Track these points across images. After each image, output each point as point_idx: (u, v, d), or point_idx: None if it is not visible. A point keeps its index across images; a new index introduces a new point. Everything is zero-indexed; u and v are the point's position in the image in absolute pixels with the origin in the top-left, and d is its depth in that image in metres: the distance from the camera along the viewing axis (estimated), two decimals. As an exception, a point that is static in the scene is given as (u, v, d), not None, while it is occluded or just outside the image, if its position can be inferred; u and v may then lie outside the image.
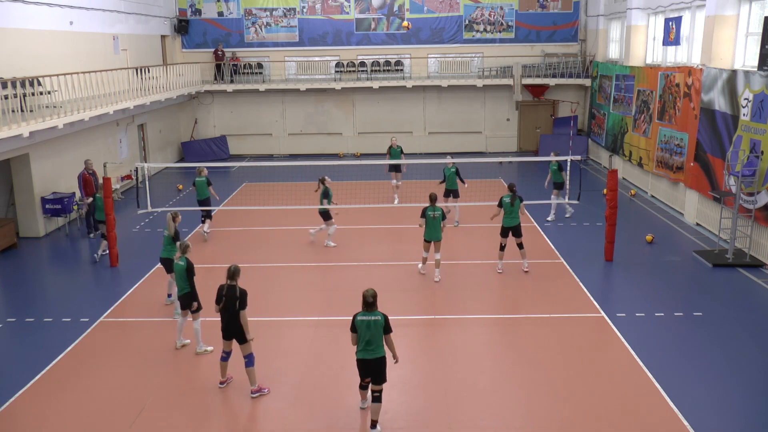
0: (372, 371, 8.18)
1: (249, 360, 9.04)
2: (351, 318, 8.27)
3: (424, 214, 12.90)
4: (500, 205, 13.52)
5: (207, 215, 16.19)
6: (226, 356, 9.29)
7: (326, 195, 15.10)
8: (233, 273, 8.99)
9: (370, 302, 8.14)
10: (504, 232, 13.58)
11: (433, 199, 12.94)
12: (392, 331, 8.24)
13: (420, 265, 13.65)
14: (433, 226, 12.86)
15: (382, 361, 8.17)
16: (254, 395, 9.07)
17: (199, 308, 10.28)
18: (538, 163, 24.93)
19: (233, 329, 8.97)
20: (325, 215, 15.32)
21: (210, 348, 10.39)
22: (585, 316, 11.56)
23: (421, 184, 18.28)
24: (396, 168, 19.03)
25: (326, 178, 15.36)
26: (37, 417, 8.73)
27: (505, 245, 13.66)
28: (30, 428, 8.52)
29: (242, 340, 8.99)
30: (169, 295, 12.14)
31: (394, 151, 19.23)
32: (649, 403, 8.80)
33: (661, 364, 9.78)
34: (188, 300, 10.20)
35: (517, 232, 13.54)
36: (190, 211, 16.79)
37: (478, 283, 13.24)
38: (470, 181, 17.11)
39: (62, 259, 15.66)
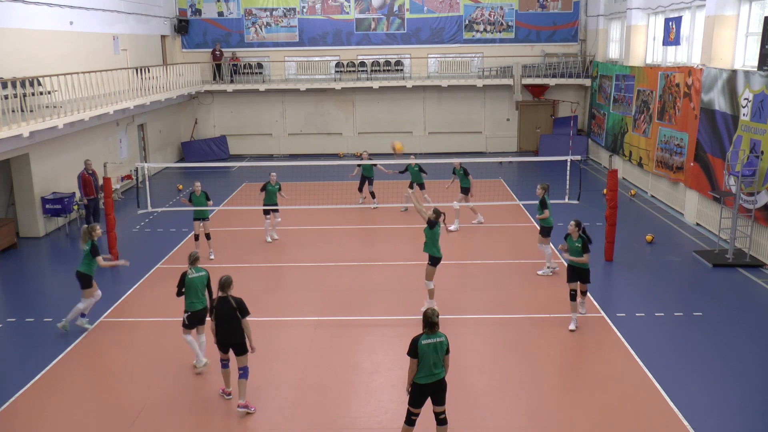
0: (435, 394, 7.57)
1: (244, 372, 8.66)
2: (411, 341, 7.40)
3: (434, 225, 11.44)
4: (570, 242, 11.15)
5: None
6: (226, 363, 8.93)
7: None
8: (223, 284, 8.53)
9: (435, 322, 7.41)
10: (571, 276, 11.08)
11: (438, 214, 11.44)
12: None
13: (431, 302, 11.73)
14: (437, 244, 11.56)
15: (444, 382, 7.59)
16: (240, 409, 8.66)
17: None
18: (538, 164, 24.95)
19: (233, 341, 8.59)
20: None
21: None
22: (585, 316, 11.55)
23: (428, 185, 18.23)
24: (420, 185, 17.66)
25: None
26: (37, 417, 8.74)
27: (576, 293, 11.05)
28: (30, 428, 8.52)
29: (240, 351, 8.61)
30: (83, 314, 11.33)
31: (411, 169, 17.74)
32: (649, 403, 8.80)
33: (661, 364, 9.78)
34: (204, 314, 9.67)
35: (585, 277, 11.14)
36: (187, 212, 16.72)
37: (478, 283, 13.24)
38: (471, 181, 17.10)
39: (62, 259, 15.66)
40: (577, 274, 11.01)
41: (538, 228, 13.71)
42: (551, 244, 13.75)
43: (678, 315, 11.56)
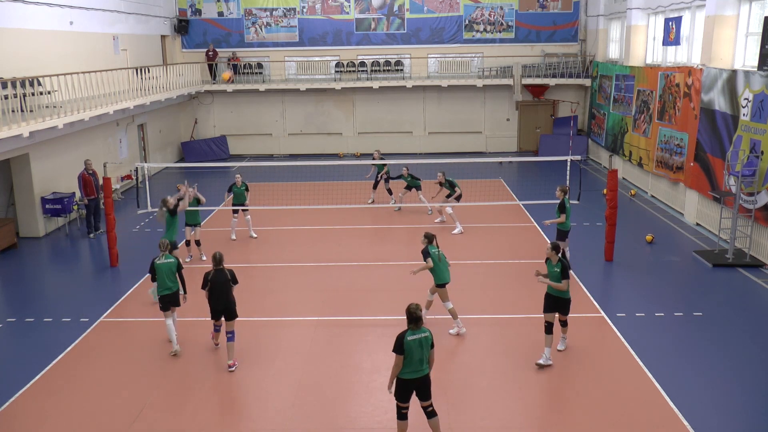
0: (419, 389, 7.68)
1: (231, 336, 9.89)
2: (396, 338, 7.47)
3: (428, 255, 10.61)
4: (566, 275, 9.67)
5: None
6: (218, 328, 10.29)
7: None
8: (219, 259, 9.83)
9: (420, 317, 7.48)
10: (548, 305, 9.87)
11: (433, 238, 10.75)
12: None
13: (457, 327, 11.03)
14: (446, 266, 10.84)
15: (429, 377, 7.70)
16: (231, 369, 9.82)
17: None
18: (538, 164, 24.96)
19: (224, 308, 9.80)
20: None
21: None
22: (585, 316, 11.55)
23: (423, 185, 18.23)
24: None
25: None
26: (37, 416, 8.74)
27: (551, 325, 9.85)
28: (30, 428, 8.52)
29: (229, 317, 9.82)
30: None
31: (404, 178, 18.12)
32: (649, 403, 8.80)
33: (661, 364, 9.78)
34: (174, 298, 10.49)
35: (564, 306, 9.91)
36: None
37: (478, 283, 13.24)
38: (471, 181, 17.13)
39: (62, 259, 15.67)
40: (555, 303, 9.77)
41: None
42: (568, 249, 13.33)
43: (678, 315, 11.56)
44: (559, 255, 9.71)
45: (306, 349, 10.53)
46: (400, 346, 7.44)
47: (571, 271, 13.40)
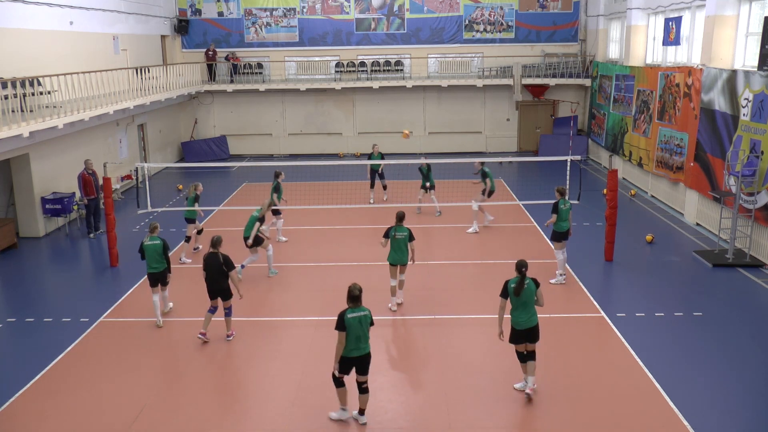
0: (360, 365, 8.19)
1: (228, 311, 10.65)
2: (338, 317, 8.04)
3: (387, 235, 11.52)
4: (504, 293, 8.91)
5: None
6: (213, 310, 10.62)
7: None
8: (215, 242, 10.45)
9: (357, 296, 8.02)
10: (517, 337, 8.91)
11: (400, 218, 11.60)
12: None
13: (391, 303, 11.96)
14: (397, 248, 11.53)
15: (369, 355, 8.23)
16: (228, 338, 10.67)
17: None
18: (538, 164, 24.96)
19: (218, 289, 10.42)
20: None
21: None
22: (585, 316, 11.55)
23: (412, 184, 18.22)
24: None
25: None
26: (37, 417, 8.74)
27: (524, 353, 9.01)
28: (30, 428, 8.52)
29: (225, 297, 10.50)
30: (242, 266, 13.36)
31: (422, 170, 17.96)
32: (649, 403, 8.80)
33: (661, 364, 9.78)
34: (161, 276, 11.37)
35: (535, 335, 8.86)
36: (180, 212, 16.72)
37: (477, 282, 13.23)
38: (471, 181, 17.11)
39: (62, 259, 15.67)
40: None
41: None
42: (564, 251, 13.12)
43: (678, 315, 11.56)
44: (521, 275, 8.84)
45: (306, 349, 10.53)
46: (341, 323, 7.92)
47: (568, 271, 13.51)
